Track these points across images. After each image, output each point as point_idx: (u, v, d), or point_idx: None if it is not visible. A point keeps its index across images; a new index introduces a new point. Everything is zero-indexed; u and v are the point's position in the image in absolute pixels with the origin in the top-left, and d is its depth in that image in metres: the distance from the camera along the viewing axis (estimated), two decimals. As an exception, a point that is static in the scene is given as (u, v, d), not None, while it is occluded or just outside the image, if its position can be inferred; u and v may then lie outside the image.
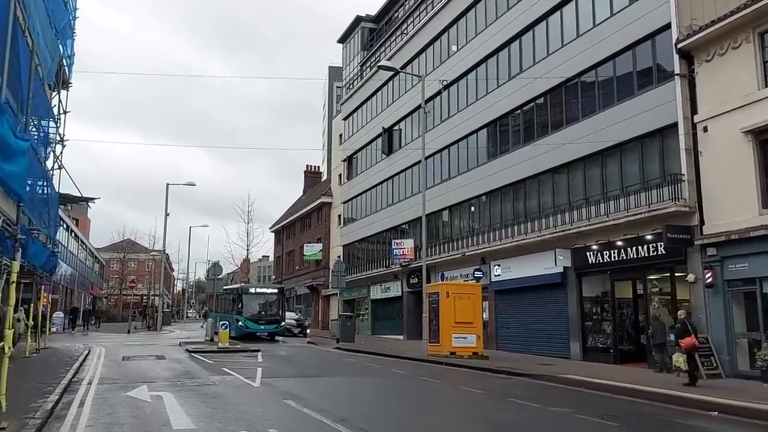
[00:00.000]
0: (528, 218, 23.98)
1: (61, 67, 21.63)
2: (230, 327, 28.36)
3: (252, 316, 30.79)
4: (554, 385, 14.43)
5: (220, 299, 35.36)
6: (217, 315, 31.94)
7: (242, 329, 30.00)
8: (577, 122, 21.89)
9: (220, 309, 34.20)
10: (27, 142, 8.12)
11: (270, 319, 31.26)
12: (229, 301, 33.35)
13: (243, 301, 31.07)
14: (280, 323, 31.60)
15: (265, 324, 30.82)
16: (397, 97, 36.53)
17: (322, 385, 14.01)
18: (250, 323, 30.38)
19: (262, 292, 33.48)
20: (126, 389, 12.10)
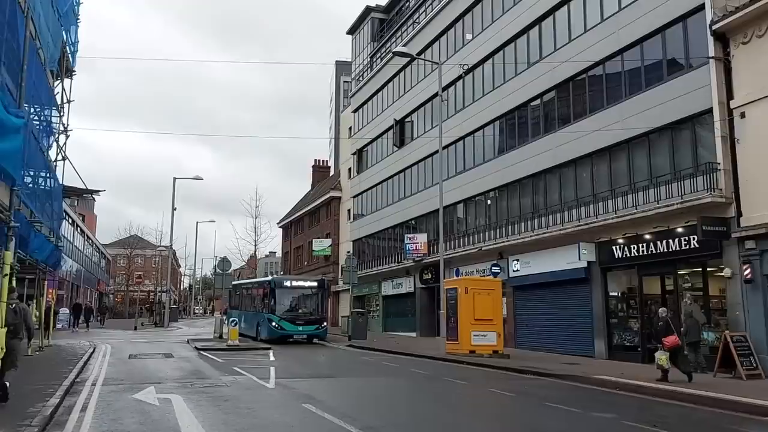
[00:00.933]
0: (549, 211, 23.05)
1: (65, 54, 20.86)
2: (260, 328, 26.35)
3: (288, 314, 25.93)
4: (586, 387, 13.55)
5: (244, 295, 31.98)
6: (242, 314, 29.84)
7: (275, 330, 25.38)
8: (601, 110, 20.92)
9: (243, 306, 31.28)
10: (22, 119, 7.33)
11: (309, 319, 26.37)
12: (256, 297, 29.30)
13: (276, 296, 26.06)
14: (321, 323, 26.61)
15: (304, 324, 25.93)
16: (409, 88, 35.61)
17: (340, 386, 13.19)
18: (286, 323, 25.52)
19: (300, 285, 27.88)
20: (132, 391, 11.31)
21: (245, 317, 29.38)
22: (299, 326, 25.78)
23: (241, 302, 31.81)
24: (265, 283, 28.56)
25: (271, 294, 26.23)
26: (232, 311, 31.59)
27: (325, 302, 28.47)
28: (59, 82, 21.11)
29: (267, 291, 26.85)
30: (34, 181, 16.59)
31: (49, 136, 19.05)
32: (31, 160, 14.87)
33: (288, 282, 27.89)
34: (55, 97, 19.26)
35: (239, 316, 28.64)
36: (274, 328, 25.37)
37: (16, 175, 7.34)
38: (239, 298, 32.42)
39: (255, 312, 28.24)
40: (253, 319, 28.18)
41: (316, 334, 26.24)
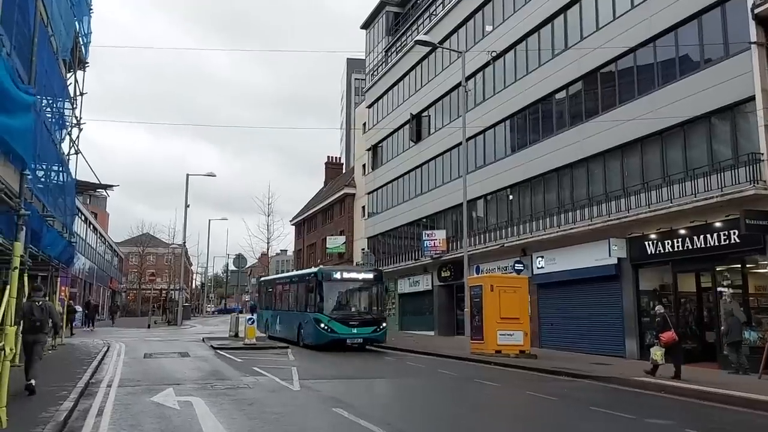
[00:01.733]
0: (576, 206, 22.23)
1: (77, 45, 20.31)
2: (304, 330, 22.16)
3: (339, 313, 21.14)
4: (627, 389, 12.77)
5: (279, 292, 27.27)
6: (277, 314, 26.52)
7: (324, 334, 20.61)
8: (632, 101, 20.09)
9: (279, 305, 27.09)
10: (32, 96, 6.70)
11: (365, 319, 21.50)
12: (297, 294, 24.36)
13: (324, 291, 21.21)
14: (379, 324, 21.62)
15: (359, 326, 21.05)
16: (426, 82, 34.83)
17: (368, 388, 12.49)
18: (337, 325, 20.68)
19: (352, 277, 22.69)
20: (150, 393, 10.67)
21: (281, 318, 26.03)
22: (353, 328, 20.85)
23: (274, 300, 27.91)
24: (309, 276, 23.26)
25: (317, 289, 21.45)
26: (264, 311, 28.95)
27: (383, 298, 23.25)
28: (72, 74, 20.57)
29: (312, 285, 22.03)
30: (47, 175, 16.04)
31: (61, 129, 18.52)
32: (44, 152, 14.31)
33: (338, 273, 22.53)
34: (68, 88, 18.71)
35: (273, 317, 26.35)
36: (322, 331, 20.65)
37: (27, 157, 6.73)
38: (272, 295, 28.49)
39: (296, 312, 23.96)
40: (292, 320, 24.11)
41: (374, 337, 21.39)
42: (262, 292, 30.69)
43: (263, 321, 28.40)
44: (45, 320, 10.32)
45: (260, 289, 31.01)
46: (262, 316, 28.59)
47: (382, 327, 21.81)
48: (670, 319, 14.58)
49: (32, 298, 10.65)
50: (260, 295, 30.97)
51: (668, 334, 14.06)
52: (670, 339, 14.03)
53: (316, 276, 21.93)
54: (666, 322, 14.30)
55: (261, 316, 29.10)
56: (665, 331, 14.11)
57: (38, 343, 10.36)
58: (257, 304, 30.06)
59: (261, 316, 28.90)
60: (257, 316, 28.62)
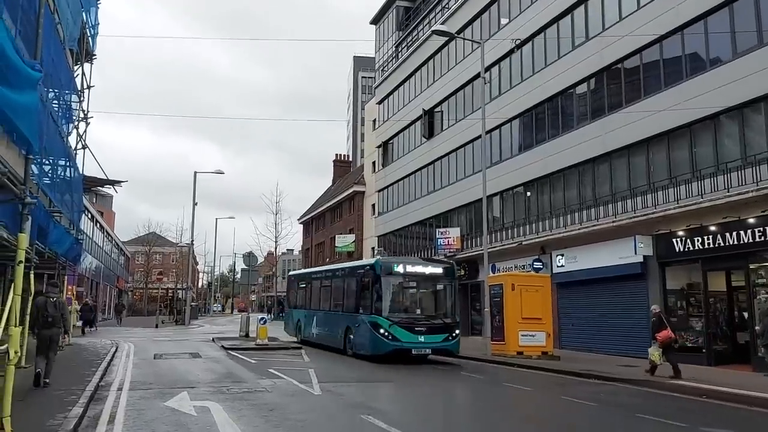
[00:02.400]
0: (598, 202, 21.52)
1: (85, 36, 19.71)
2: (355, 337, 18.04)
3: (403, 318, 16.98)
4: (665, 394, 12.06)
5: (317, 288, 22.82)
6: (314, 314, 22.29)
7: (384, 342, 16.53)
8: (658, 93, 19.36)
9: (315, 304, 22.67)
10: (38, 72, 6.09)
11: (435, 325, 17.23)
12: (345, 291, 20.05)
13: (383, 288, 17.11)
14: (452, 331, 17.36)
15: (427, 333, 16.88)
16: (439, 77, 34.13)
17: (393, 392, 11.81)
18: (401, 331, 16.58)
19: (419, 272, 18.07)
20: (163, 397, 10.03)
21: (320, 320, 21.78)
22: (420, 335, 16.75)
23: (309, 298, 23.47)
24: (362, 269, 18.84)
25: (374, 285, 17.34)
26: (295, 311, 25.02)
27: (456, 299, 18.55)
28: (79, 66, 19.97)
29: (367, 281, 17.89)
30: (53, 169, 15.46)
31: (68, 123, 17.93)
32: (51, 145, 13.70)
33: (401, 266, 17.84)
34: (75, 80, 18.12)
35: (308, 318, 22.71)
36: (382, 338, 16.51)
37: (32, 138, 6.11)
38: (306, 292, 23.97)
39: (340, 313, 19.76)
40: (336, 323, 19.83)
41: (445, 347, 17.24)
42: (292, 288, 26.48)
43: (293, 322, 24.93)
44: (58, 316, 10.73)
45: (290, 285, 26.97)
46: (292, 317, 25.39)
47: (455, 335, 17.39)
48: (666, 318, 14.69)
49: (48, 293, 11.07)
50: (290, 292, 26.86)
51: (664, 333, 14.10)
52: (666, 338, 14.07)
53: (374, 269, 17.57)
54: (662, 322, 14.35)
55: (291, 316, 25.73)
56: (661, 331, 14.15)
57: (53, 338, 10.80)
58: (285, 303, 26.55)
59: (291, 317, 25.67)
60: (286, 316, 26.28)
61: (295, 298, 25.55)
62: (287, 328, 25.56)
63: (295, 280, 26.53)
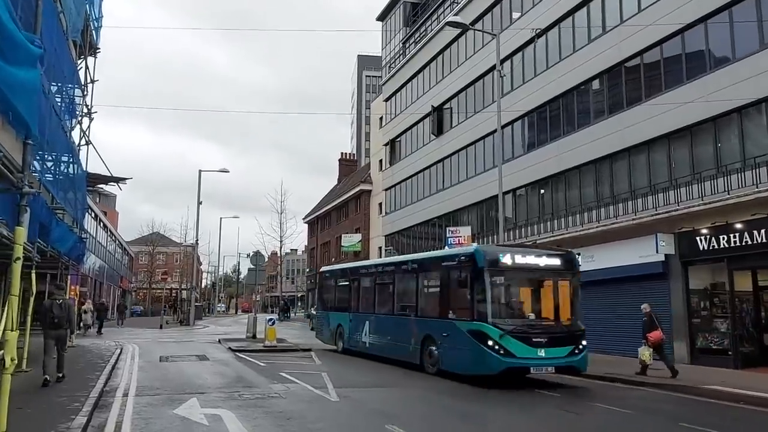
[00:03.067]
0: (616, 200, 20.88)
1: (88, 28, 19.17)
2: (445, 350, 13.74)
3: (517, 325, 12.85)
4: (700, 399, 11.47)
5: (364, 285, 19.24)
6: (366, 319, 18.15)
7: (495, 358, 12.34)
8: (679, 86, 18.69)
9: (362, 305, 19.04)
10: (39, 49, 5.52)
11: (556, 334, 13.22)
12: (424, 288, 16.02)
13: (487, 285, 12.87)
14: (578, 342, 13.31)
15: (548, 345, 12.78)
16: (448, 73, 33.50)
17: (413, 398, 11.16)
18: (516, 344, 12.45)
19: (533, 264, 13.78)
20: (172, 404, 9.44)
21: (377, 326, 17.62)
22: (540, 348, 12.55)
23: (358, 299, 19.45)
24: (455, 259, 14.33)
25: (474, 281, 13.05)
26: (332, 314, 21.01)
27: (579, 298, 14.28)
28: (83, 60, 19.42)
29: (464, 275, 13.55)
30: (56, 165, 14.91)
31: (71, 118, 17.38)
32: (53, 140, 13.18)
33: (509, 256, 13.32)
34: (78, 74, 17.56)
35: (355, 323, 18.80)
36: (490, 353, 12.28)
37: (31, 120, 5.53)
38: (351, 291, 19.90)
39: (417, 318, 15.45)
40: (408, 330, 15.56)
41: (572, 364, 13.00)
42: (327, 287, 22.29)
43: (330, 327, 20.92)
44: (64, 317, 11.13)
45: (324, 283, 22.85)
46: (327, 321, 21.36)
47: (582, 346, 13.22)
48: (656, 318, 14.83)
49: (54, 295, 11.54)
50: (323, 292, 22.92)
51: (656, 333, 14.20)
52: (657, 338, 14.17)
53: (473, 260, 13.17)
54: (653, 322, 14.45)
55: (326, 320, 21.60)
56: (653, 331, 14.25)
57: (61, 338, 11.23)
58: (319, 304, 23.14)
59: (326, 321, 21.58)
60: (317, 320, 23.18)
61: (333, 299, 21.48)
62: (321, 335, 22.14)
63: (331, 277, 22.17)
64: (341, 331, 19.84)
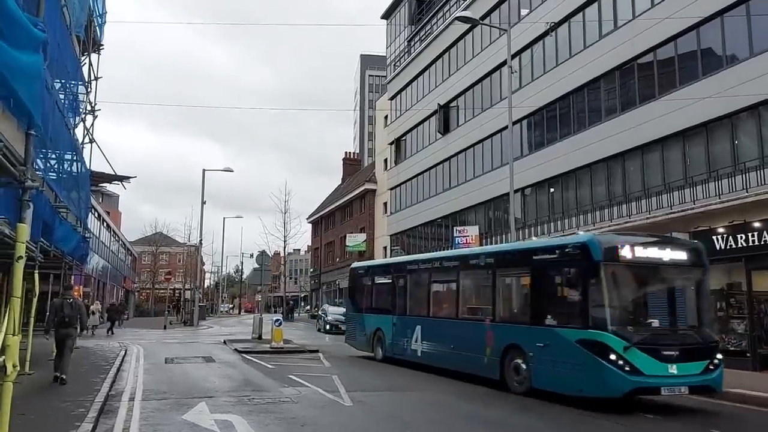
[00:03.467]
0: (628, 198, 20.50)
1: (92, 24, 18.83)
2: (532, 364, 11.26)
3: (645, 335, 10.31)
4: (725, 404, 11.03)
5: (412, 282, 16.42)
6: (418, 323, 15.21)
7: (620, 377, 9.71)
8: (695, 82, 18.33)
9: (408, 307, 16.22)
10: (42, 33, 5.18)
11: (688, 345, 10.58)
12: (508, 288, 13.45)
13: (604, 284, 10.13)
14: (712, 355, 10.59)
15: (680, 359, 10.16)
16: (455, 71, 33.15)
17: (429, 402, 10.78)
18: (644, 358, 9.83)
19: (656, 259, 10.76)
20: (180, 409, 9.09)
21: (434, 332, 14.67)
22: (670, 363, 10.10)
23: (405, 299, 16.51)
24: (559, 250, 11.49)
25: (587, 278, 10.45)
26: (368, 316, 18.10)
27: (709, 302, 12.15)
28: (86, 57, 19.09)
29: (572, 271, 11.06)
30: (59, 163, 14.58)
31: (75, 115, 17.06)
32: (56, 137, 12.83)
33: (630, 248, 10.62)
34: (82, 70, 17.22)
35: (400, 328, 16.01)
36: (614, 370, 9.80)
37: (34, 108, 5.19)
38: (394, 290, 17.05)
39: (494, 324, 12.56)
40: (481, 339, 12.69)
41: (707, 383, 10.44)
42: (361, 285, 19.25)
43: (365, 332, 18.10)
44: (74, 317, 11.38)
45: (357, 281, 19.54)
46: (362, 324, 18.40)
47: (718, 361, 10.62)
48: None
49: (63, 295, 11.83)
50: (353, 292, 19.85)
51: None
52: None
53: (587, 252, 10.45)
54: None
55: (360, 323, 18.56)
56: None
57: (69, 337, 11.34)
58: (351, 304, 20.05)
59: (360, 324, 18.57)
60: (348, 323, 20.46)
61: (369, 299, 18.59)
62: (352, 339, 19.22)
63: (366, 274, 19.12)
64: (380, 336, 17.10)
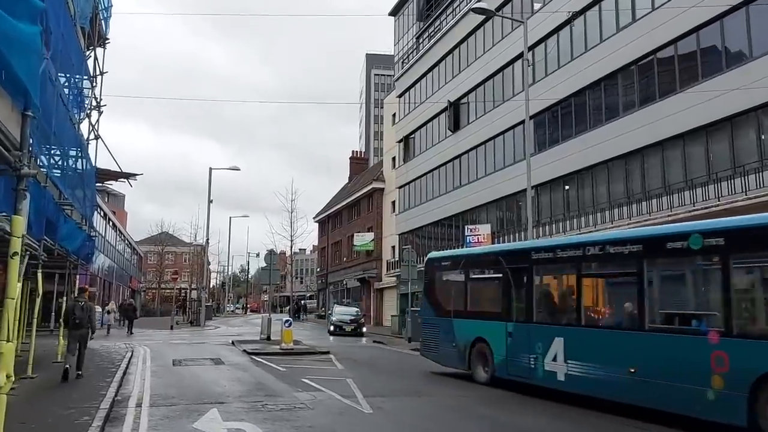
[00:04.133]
0: (649, 195, 19.91)
1: (97, 17, 18.36)
2: None
3: None
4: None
5: (554, 279, 12.40)
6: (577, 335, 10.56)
7: None
8: (718, 75, 17.77)
9: (560, 313, 11.65)
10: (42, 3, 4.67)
11: None
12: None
13: None
14: None
15: None
16: (465, 67, 32.58)
17: (453, 408, 10.23)
18: None
19: None
20: (190, 416, 8.58)
21: (586, 345, 10.48)
22: None
23: (528, 298, 11.98)
24: None
25: None
26: (460, 322, 13.53)
27: None
28: (91, 51, 18.63)
29: None
30: (64, 159, 14.09)
31: (80, 110, 16.58)
32: (60, 131, 12.33)
33: None
34: (87, 63, 16.75)
35: (521, 338, 11.75)
36: None
37: (31, 84, 4.67)
38: (509, 287, 12.43)
39: (728, 339, 7.94)
40: (702, 361, 8.19)
41: None
42: (442, 282, 14.63)
43: (450, 343, 13.76)
44: (85, 318, 12.09)
45: (434, 277, 14.88)
46: (446, 333, 13.87)
47: None
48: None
49: (76, 298, 12.70)
50: (435, 289, 14.81)
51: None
52: None
53: None
54: None
55: (442, 331, 14.06)
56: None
57: (83, 337, 12.22)
58: (429, 306, 14.91)
59: (441, 332, 14.08)
60: (426, 331, 14.80)
61: (462, 299, 13.68)
62: (432, 352, 14.55)
63: (456, 266, 14.04)
64: (483, 349, 12.87)
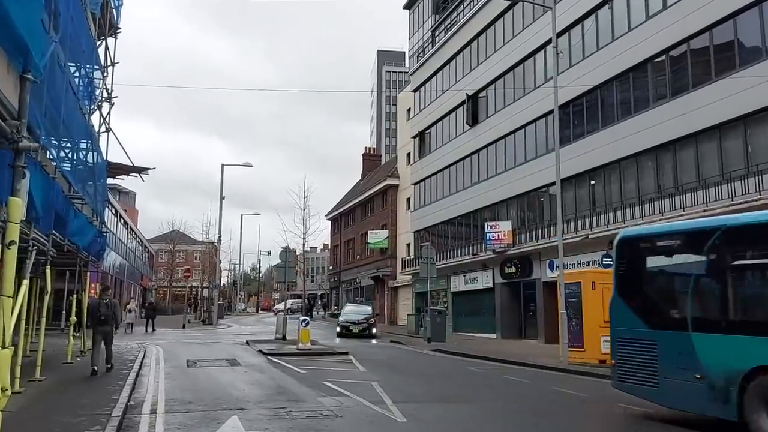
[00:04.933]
0: (683, 190, 19.02)
1: (108, 5, 17.73)
2: None
3: None
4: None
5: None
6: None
7: None
8: (758, 62, 16.83)
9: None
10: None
11: None
12: None
13: None
14: None
15: None
16: (483, 59, 31.74)
17: (498, 416, 9.47)
18: None
19: None
20: (209, 424, 7.88)
21: None
22: None
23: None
24: None
25: None
26: (701, 337, 7.88)
27: None
28: (102, 40, 18.00)
29: None
30: (74, 152, 13.45)
31: (90, 101, 15.95)
32: (70, 122, 11.69)
33: None
34: (98, 52, 16.12)
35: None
36: None
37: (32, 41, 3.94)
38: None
39: None
40: None
41: None
42: (657, 276, 9.63)
43: (689, 370, 8.04)
44: (110, 315, 12.71)
45: (642, 264, 9.59)
46: (679, 355, 8.25)
47: None
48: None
49: (101, 296, 13.40)
50: (642, 287, 9.51)
51: None
52: None
53: None
54: None
55: (670, 351, 8.40)
56: None
57: (108, 334, 12.81)
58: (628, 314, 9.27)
59: (671, 354, 8.40)
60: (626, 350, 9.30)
61: (713, 302, 8.46)
62: (641, 383, 9.17)
63: (697, 248, 8.53)
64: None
